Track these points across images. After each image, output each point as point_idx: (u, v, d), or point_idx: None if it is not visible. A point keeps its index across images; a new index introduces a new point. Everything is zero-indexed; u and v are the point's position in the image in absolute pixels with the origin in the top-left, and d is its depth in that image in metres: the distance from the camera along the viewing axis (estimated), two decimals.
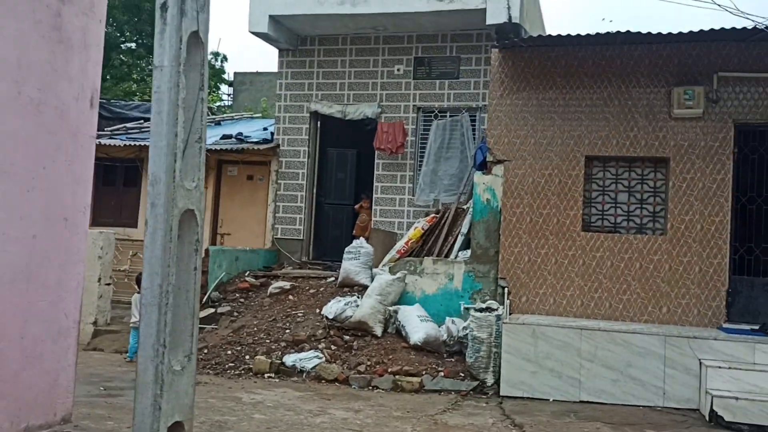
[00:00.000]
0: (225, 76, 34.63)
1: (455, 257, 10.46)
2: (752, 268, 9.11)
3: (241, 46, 50.29)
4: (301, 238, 13.07)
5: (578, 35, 9.21)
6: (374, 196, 12.76)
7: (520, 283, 9.59)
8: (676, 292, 9.09)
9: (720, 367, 7.58)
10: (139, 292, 9.76)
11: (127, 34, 32.39)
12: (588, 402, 7.97)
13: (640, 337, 8.02)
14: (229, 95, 34.36)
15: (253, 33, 12.55)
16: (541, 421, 7.21)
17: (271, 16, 12.35)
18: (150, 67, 32.31)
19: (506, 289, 9.58)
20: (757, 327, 8.36)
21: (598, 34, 9.14)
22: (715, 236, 9.04)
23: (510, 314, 9.26)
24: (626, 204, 9.61)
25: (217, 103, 32.16)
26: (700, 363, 7.75)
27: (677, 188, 9.23)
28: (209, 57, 35.57)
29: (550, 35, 9.48)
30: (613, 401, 7.94)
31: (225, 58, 36.18)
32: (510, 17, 11.20)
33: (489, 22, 11.32)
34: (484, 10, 11.37)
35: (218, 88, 34.73)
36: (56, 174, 5.22)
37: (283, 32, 12.81)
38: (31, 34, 4.91)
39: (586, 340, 8.13)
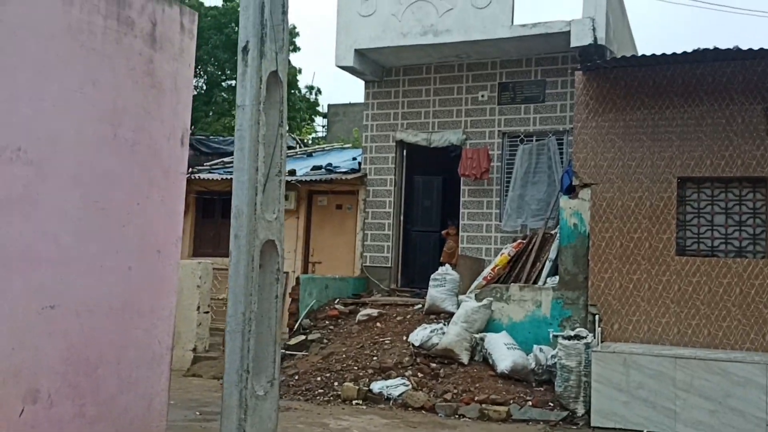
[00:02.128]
0: (319, 108, 35.53)
1: (543, 283, 10.29)
2: None
3: (334, 78, 51.56)
4: (389, 265, 13.20)
5: (664, 54, 8.99)
6: (461, 222, 12.77)
7: (612, 310, 9.33)
8: None
9: None
10: None
11: (228, 72, 33.82)
12: None
13: (739, 366, 7.63)
14: (323, 127, 35.23)
15: (340, 67, 12.92)
16: None
17: (356, 50, 12.68)
18: None
19: (597, 316, 9.34)
20: None
21: (685, 52, 8.89)
22: None
23: (602, 342, 9.02)
24: (723, 226, 9.22)
25: (312, 135, 33.03)
26: None
27: None
28: (304, 91, 36.43)
29: (634, 55, 9.29)
30: None
31: (319, 91, 37.06)
32: (595, 39, 11.08)
33: (573, 44, 11.23)
34: (569, 33, 11.29)
35: (313, 120, 35.71)
36: (150, 209, 5.55)
37: (369, 64, 13.11)
38: (125, 81, 5.28)
39: (680, 369, 7.81)
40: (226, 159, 15.79)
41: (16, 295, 4.44)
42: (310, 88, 36.32)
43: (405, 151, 13.46)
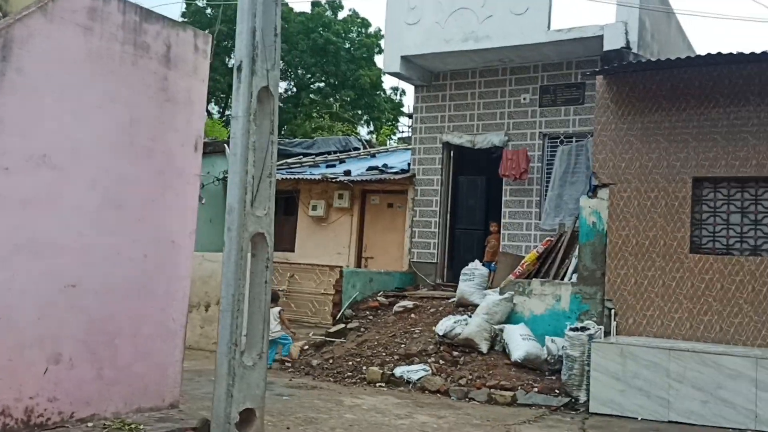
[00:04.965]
0: (404, 109, 36.51)
1: (570, 279, 10.68)
2: None
3: None
4: (435, 261, 13.85)
5: (679, 58, 9.26)
6: (502, 220, 13.25)
7: (627, 305, 9.65)
8: None
9: None
10: (274, 307, 11.12)
11: (317, 74, 35.17)
12: (676, 422, 7.93)
13: (730, 359, 7.85)
14: (409, 127, 36.12)
15: (388, 73, 13.71)
16: None
17: (402, 57, 13.43)
18: (337, 103, 35.06)
19: (612, 311, 9.68)
20: None
21: (700, 56, 9.12)
22: None
23: (616, 335, 9.38)
24: (739, 225, 9.35)
25: (397, 135, 34.00)
26: None
27: None
28: (389, 92, 37.28)
29: (650, 60, 9.57)
30: (703, 422, 7.84)
31: (404, 92, 37.96)
32: (628, 42, 11.34)
33: (606, 48, 11.52)
34: (602, 37, 11.59)
35: (397, 121, 36.72)
36: (164, 205, 6.51)
37: (416, 70, 13.81)
38: (140, 97, 6.27)
39: (674, 360, 8.10)
40: (289, 160, 16.87)
41: (39, 276, 5.49)
42: (395, 89, 37.40)
43: (451, 153, 14.07)
